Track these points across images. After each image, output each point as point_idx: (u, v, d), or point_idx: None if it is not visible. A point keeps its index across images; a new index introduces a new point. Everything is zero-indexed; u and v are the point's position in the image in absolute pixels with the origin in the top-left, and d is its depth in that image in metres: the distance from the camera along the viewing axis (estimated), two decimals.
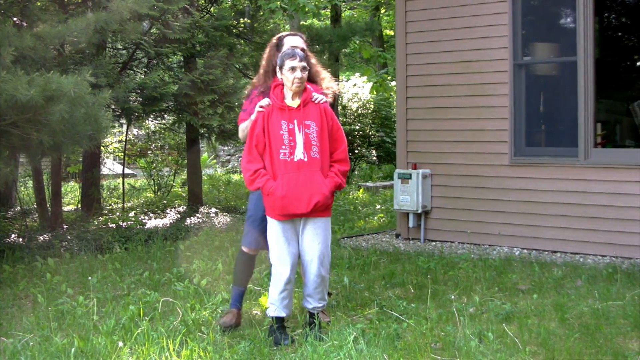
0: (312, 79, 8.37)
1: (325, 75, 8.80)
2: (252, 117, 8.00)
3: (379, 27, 31.49)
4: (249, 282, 8.84)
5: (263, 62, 8.65)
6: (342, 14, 28.82)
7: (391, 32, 32.98)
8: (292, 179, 7.66)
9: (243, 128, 8.37)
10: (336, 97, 15.54)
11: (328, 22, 28.12)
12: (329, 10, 27.29)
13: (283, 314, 7.94)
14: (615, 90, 14.39)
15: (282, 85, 7.83)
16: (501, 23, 12.64)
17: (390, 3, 27.52)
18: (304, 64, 7.70)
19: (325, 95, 8.33)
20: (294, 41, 8.39)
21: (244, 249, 8.54)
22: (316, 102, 7.86)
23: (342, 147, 7.93)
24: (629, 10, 15.60)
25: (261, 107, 7.86)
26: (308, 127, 7.72)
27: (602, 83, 12.21)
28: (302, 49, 8.18)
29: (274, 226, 7.88)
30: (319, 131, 7.75)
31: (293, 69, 7.67)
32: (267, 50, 8.63)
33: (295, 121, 7.72)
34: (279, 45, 8.45)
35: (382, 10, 32.21)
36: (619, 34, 15.66)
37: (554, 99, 13.16)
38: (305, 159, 7.68)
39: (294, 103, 7.76)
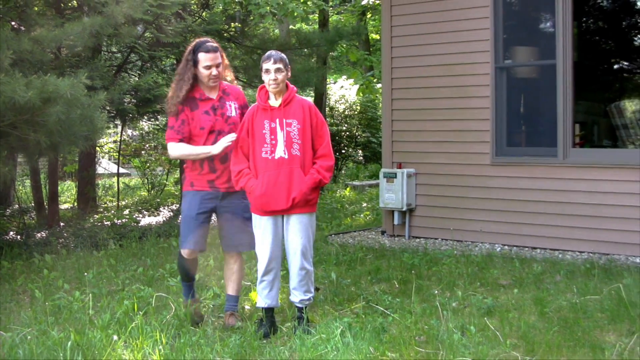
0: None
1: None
2: (216, 150, 8.03)
3: (365, 32, 31.47)
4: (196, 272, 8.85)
5: (178, 72, 8.53)
6: (330, 19, 28.78)
7: (377, 36, 32.95)
8: (272, 177, 7.72)
9: (175, 147, 8.21)
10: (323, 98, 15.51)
11: (316, 26, 28.10)
12: (317, 15, 27.26)
13: (263, 304, 7.99)
14: (593, 92, 14.42)
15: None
16: (483, 27, 12.66)
17: (376, 8, 27.50)
18: (278, 65, 7.71)
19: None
20: (209, 59, 8.25)
21: (183, 252, 8.34)
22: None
23: (325, 142, 7.94)
24: (606, 15, 15.64)
25: (229, 141, 7.92)
26: (290, 125, 7.76)
27: (581, 85, 12.24)
28: (218, 49, 8.25)
29: (256, 221, 7.96)
30: (300, 129, 7.78)
31: (267, 71, 7.73)
32: (183, 61, 8.48)
33: (277, 120, 7.77)
34: (192, 58, 8.30)
35: (369, 15, 32.16)
36: (597, 38, 15.69)
37: (534, 100, 13.18)
38: (286, 157, 7.73)
39: (276, 103, 7.81)
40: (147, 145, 26.26)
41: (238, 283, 8.50)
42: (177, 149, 8.18)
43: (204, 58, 8.07)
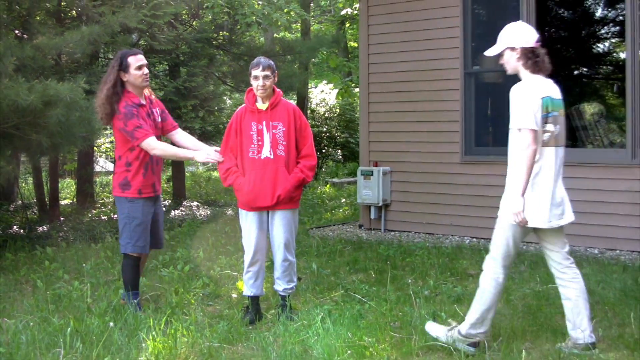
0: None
1: None
2: (199, 158, 8.02)
3: (344, 40, 31.47)
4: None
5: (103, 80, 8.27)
6: (311, 28, 28.79)
7: (355, 44, 32.91)
8: (258, 175, 7.74)
9: (159, 144, 8.00)
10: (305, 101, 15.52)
11: (299, 34, 28.10)
12: (299, 24, 27.26)
13: (249, 293, 8.00)
14: None
15: None
16: (453, 36, 12.68)
17: (354, 18, 27.50)
18: (266, 72, 7.71)
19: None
20: (137, 59, 8.15)
21: (135, 254, 8.19)
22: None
23: (308, 143, 7.96)
24: (567, 25, 15.68)
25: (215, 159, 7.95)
26: (276, 127, 7.78)
27: None
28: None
29: (243, 216, 7.98)
30: (285, 131, 7.80)
31: (256, 77, 7.72)
32: (112, 72, 8.32)
33: (264, 122, 7.78)
34: (125, 66, 8.22)
35: (347, 25, 32.15)
36: (558, 45, 15.71)
37: (500, 104, 13.16)
38: (272, 157, 7.74)
39: (263, 106, 7.82)
40: None
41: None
42: (161, 146, 8.00)
43: (134, 60, 8.01)
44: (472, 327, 6.58)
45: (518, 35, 6.89)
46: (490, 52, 7.07)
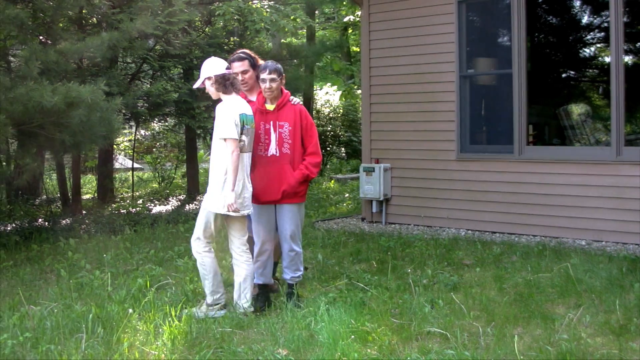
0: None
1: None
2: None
3: (347, 45, 31.53)
4: None
5: None
6: (316, 33, 28.75)
7: (357, 49, 32.89)
8: (265, 172, 7.81)
9: None
10: (310, 102, 15.58)
11: (304, 40, 28.04)
12: (305, 30, 27.24)
13: (259, 282, 8.04)
14: (545, 97, 14.42)
15: None
16: (449, 41, 12.67)
17: (356, 25, 27.50)
18: (273, 76, 7.75)
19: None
20: (238, 67, 8.25)
21: None
22: (293, 103, 7.93)
23: (313, 141, 7.98)
24: (555, 31, 15.65)
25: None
26: (282, 127, 7.83)
27: (533, 91, 12.25)
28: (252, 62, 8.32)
29: (252, 209, 7.95)
30: (291, 130, 7.84)
31: (263, 80, 7.80)
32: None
33: (271, 122, 7.84)
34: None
35: (350, 30, 32.16)
36: (547, 50, 15.68)
37: (493, 104, 13.20)
38: (277, 154, 7.82)
39: (271, 107, 7.85)
40: (158, 144, 26.16)
41: None
42: None
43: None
44: (213, 295, 7.66)
45: (211, 67, 7.81)
46: (195, 85, 8.04)
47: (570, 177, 11.47)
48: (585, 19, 15.49)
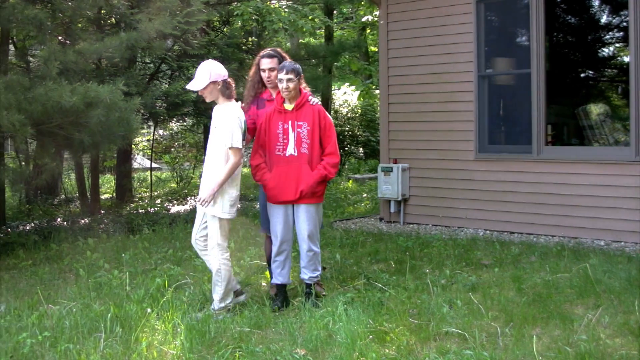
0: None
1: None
2: None
3: (365, 45, 31.47)
4: None
5: (249, 77, 8.62)
6: (334, 33, 28.74)
7: (375, 49, 32.88)
8: (283, 172, 7.81)
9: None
10: (328, 102, 15.59)
11: (322, 40, 28.04)
12: (323, 30, 27.23)
13: (277, 282, 8.04)
14: (563, 97, 14.39)
15: None
16: (467, 41, 12.65)
17: (374, 24, 27.45)
18: (290, 76, 7.75)
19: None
20: (265, 63, 8.30)
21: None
22: (312, 103, 7.92)
23: (332, 142, 7.96)
24: (573, 31, 15.61)
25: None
26: (300, 126, 7.82)
27: (552, 91, 12.21)
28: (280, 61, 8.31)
29: (270, 209, 8.03)
30: (310, 130, 7.83)
31: (280, 80, 7.79)
32: (253, 67, 8.57)
33: (290, 122, 7.84)
34: (258, 64, 8.40)
35: (368, 31, 32.13)
36: (566, 50, 15.65)
37: (511, 104, 13.17)
38: (296, 154, 7.81)
39: (289, 106, 7.85)
40: (176, 144, 26.29)
41: None
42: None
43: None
44: (221, 302, 7.65)
45: (217, 71, 7.84)
46: (197, 88, 7.83)
47: (589, 177, 11.44)
48: (604, 19, 15.45)
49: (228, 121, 7.55)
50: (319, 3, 23.92)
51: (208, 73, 7.72)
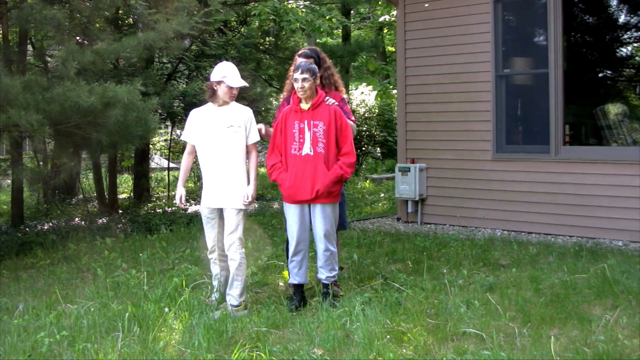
0: (333, 85, 8.58)
1: (340, 83, 8.78)
2: None
3: (382, 45, 31.49)
4: None
5: (289, 74, 8.67)
6: (352, 33, 28.77)
7: (392, 49, 32.88)
8: (299, 171, 7.80)
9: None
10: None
11: (340, 40, 28.08)
12: (340, 30, 27.26)
13: (294, 282, 8.04)
14: (581, 97, 14.35)
15: None
16: (485, 41, 12.63)
17: (392, 24, 27.47)
18: (305, 75, 7.75)
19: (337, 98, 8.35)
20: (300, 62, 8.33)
21: None
22: (328, 103, 7.92)
23: (348, 141, 7.94)
24: (591, 30, 15.57)
25: None
26: (316, 126, 7.81)
27: (570, 91, 12.19)
28: (317, 61, 8.36)
29: (286, 209, 8.04)
30: (326, 130, 7.81)
31: (296, 80, 7.80)
32: (292, 65, 8.60)
33: (306, 121, 7.83)
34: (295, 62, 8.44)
35: (385, 30, 32.14)
36: (583, 50, 15.60)
37: (529, 104, 13.14)
38: (312, 154, 7.79)
39: (306, 106, 7.85)
40: None
41: None
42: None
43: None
44: (241, 296, 7.80)
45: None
46: (243, 84, 7.96)
47: (607, 178, 11.40)
48: (622, 18, 15.40)
49: (251, 119, 7.98)
50: (336, 3, 23.94)
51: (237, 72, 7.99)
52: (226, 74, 7.84)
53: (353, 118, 8.58)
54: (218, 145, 7.87)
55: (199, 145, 8.09)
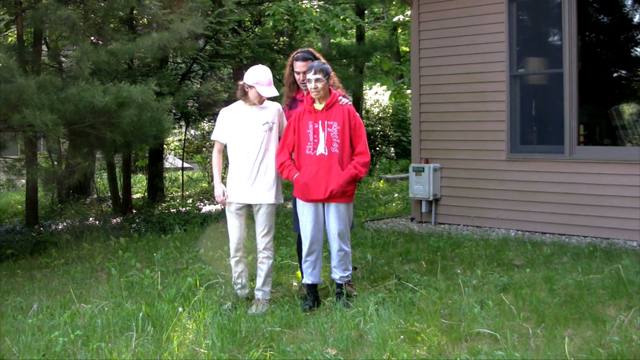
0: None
1: (336, 80, 8.73)
2: None
3: (397, 44, 31.44)
4: None
5: (284, 78, 8.68)
6: (366, 33, 28.73)
7: (406, 49, 32.85)
8: (313, 170, 7.80)
9: None
10: (359, 102, 15.53)
11: (354, 40, 28.05)
12: (354, 30, 27.24)
13: (308, 282, 8.03)
14: (596, 97, 14.31)
15: None
16: (499, 41, 12.61)
17: (406, 24, 27.43)
18: (318, 76, 7.76)
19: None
20: (299, 66, 8.31)
21: None
22: (341, 103, 7.92)
23: (362, 141, 7.95)
24: (606, 30, 15.52)
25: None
26: (330, 126, 7.81)
27: (584, 91, 12.15)
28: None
29: (299, 207, 8.04)
30: (340, 130, 7.81)
31: (309, 80, 7.81)
32: (287, 68, 8.59)
33: (320, 121, 7.83)
34: (291, 65, 8.43)
35: (399, 30, 32.09)
36: (598, 50, 15.55)
37: (543, 104, 13.11)
38: (326, 153, 7.79)
39: (319, 106, 7.85)
40: (208, 143, 26.33)
41: None
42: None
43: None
44: (270, 289, 8.22)
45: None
46: (275, 93, 8.09)
47: (621, 178, 11.37)
48: (637, 18, 15.35)
49: (282, 113, 8.34)
50: (350, 3, 23.93)
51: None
52: (259, 80, 7.99)
53: None
54: (255, 142, 8.01)
55: (232, 143, 8.17)
